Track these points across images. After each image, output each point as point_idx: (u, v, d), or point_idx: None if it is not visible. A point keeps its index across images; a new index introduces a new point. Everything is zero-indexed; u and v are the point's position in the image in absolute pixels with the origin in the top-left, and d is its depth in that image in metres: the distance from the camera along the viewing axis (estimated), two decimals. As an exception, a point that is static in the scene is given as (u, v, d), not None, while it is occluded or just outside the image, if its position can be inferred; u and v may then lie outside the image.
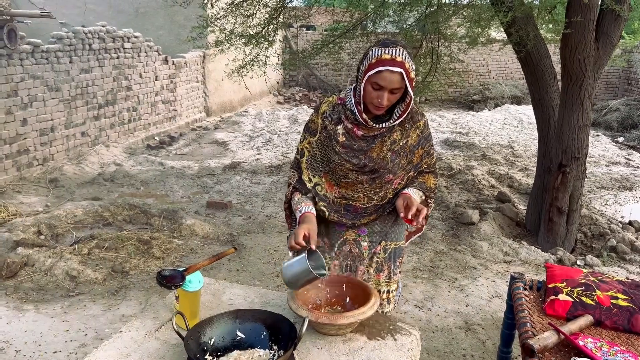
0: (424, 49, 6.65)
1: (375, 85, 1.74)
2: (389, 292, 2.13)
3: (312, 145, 1.98)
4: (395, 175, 1.95)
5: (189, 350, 1.44)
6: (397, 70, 1.70)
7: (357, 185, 1.95)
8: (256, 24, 5.56)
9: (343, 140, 1.90)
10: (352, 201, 1.99)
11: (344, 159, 1.91)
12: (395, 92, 1.76)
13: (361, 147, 1.89)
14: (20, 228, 4.31)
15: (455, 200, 5.97)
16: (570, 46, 4.27)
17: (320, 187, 1.99)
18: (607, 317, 2.12)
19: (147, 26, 10.11)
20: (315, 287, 1.85)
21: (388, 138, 1.90)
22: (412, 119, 1.95)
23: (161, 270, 1.68)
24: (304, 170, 1.99)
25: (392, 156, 1.91)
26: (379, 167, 1.91)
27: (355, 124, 1.88)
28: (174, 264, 4.13)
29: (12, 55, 5.73)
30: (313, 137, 1.97)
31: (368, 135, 1.88)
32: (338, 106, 1.94)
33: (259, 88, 13.16)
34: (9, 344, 3.01)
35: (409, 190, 1.98)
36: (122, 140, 7.97)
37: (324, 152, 1.96)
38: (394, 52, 1.71)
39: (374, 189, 1.96)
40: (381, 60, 1.71)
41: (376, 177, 1.93)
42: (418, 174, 2.03)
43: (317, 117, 1.97)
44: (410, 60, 1.75)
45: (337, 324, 1.62)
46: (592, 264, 4.38)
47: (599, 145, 9.45)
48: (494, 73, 15.03)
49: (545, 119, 5.01)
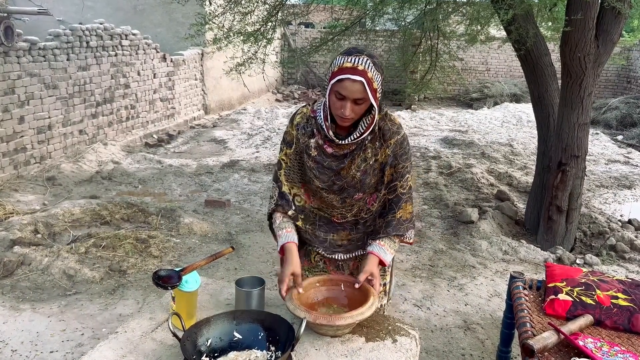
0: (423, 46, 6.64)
1: (338, 95, 1.67)
2: (385, 285, 2.12)
3: (289, 156, 1.94)
4: (365, 194, 1.90)
5: (186, 352, 1.43)
6: (358, 79, 1.63)
7: (328, 202, 1.93)
8: (254, 22, 5.54)
9: (315, 155, 1.86)
10: (327, 214, 1.98)
11: (314, 174, 1.88)
12: (359, 102, 1.69)
13: (331, 165, 1.84)
14: (17, 227, 4.29)
15: (454, 198, 5.96)
16: (570, 44, 4.25)
17: (299, 197, 1.97)
18: (607, 316, 2.10)
19: (145, 24, 10.08)
20: (313, 286, 1.83)
21: (358, 156, 1.83)
22: (383, 136, 1.85)
23: (157, 270, 1.67)
24: (284, 182, 1.95)
25: (362, 176, 1.85)
26: (347, 186, 1.86)
27: (327, 141, 1.83)
28: (171, 263, 4.11)
29: (9, 53, 5.69)
30: (289, 148, 1.93)
31: (338, 153, 1.83)
32: (311, 119, 1.88)
33: (258, 86, 13.13)
34: (5, 344, 2.99)
35: (376, 250, 1.88)
36: (120, 138, 7.94)
37: (301, 163, 1.94)
38: (356, 61, 1.66)
39: (347, 207, 1.93)
40: (343, 68, 1.66)
41: (345, 197, 1.89)
42: (395, 199, 1.92)
43: (291, 129, 1.93)
44: (375, 70, 1.68)
45: (335, 325, 1.60)
46: (592, 262, 4.36)
47: (598, 143, 9.45)
48: (493, 71, 15.02)
49: (545, 117, 4.99)
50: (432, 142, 8.99)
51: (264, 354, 1.54)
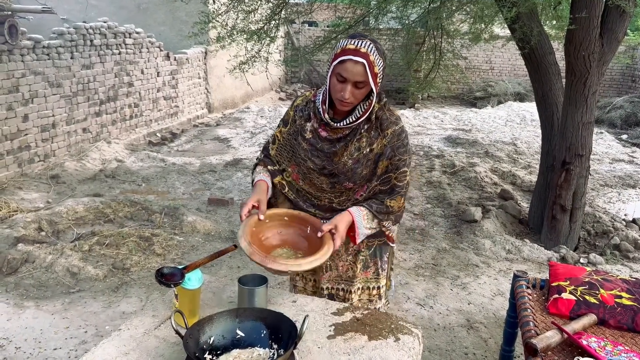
0: (427, 45, 6.62)
1: (340, 77, 1.69)
2: (379, 288, 2.11)
3: (283, 134, 1.98)
4: (356, 185, 1.88)
5: (188, 349, 1.43)
6: (360, 61, 1.65)
7: (318, 185, 1.93)
8: (258, 20, 5.54)
9: (309, 137, 1.88)
10: (314, 198, 1.98)
11: (307, 156, 1.89)
12: (359, 86, 1.70)
13: (323, 148, 1.85)
14: (21, 224, 4.30)
15: (457, 197, 5.95)
16: (575, 42, 4.23)
17: (287, 173, 2.01)
18: (611, 316, 2.10)
19: (149, 22, 10.08)
20: (280, 219, 1.85)
21: (352, 144, 1.82)
22: (381, 126, 1.83)
23: (160, 268, 1.67)
24: (274, 156, 2.02)
25: (353, 164, 1.83)
26: (338, 172, 1.86)
27: (322, 124, 1.85)
28: (174, 261, 4.12)
29: (13, 51, 5.71)
30: (285, 127, 1.98)
31: (332, 137, 1.84)
32: (311, 102, 1.91)
33: (261, 84, 13.13)
34: (9, 341, 3.00)
35: (355, 214, 1.82)
36: (123, 136, 7.95)
37: (292, 145, 1.96)
38: (359, 44, 1.68)
39: (335, 193, 1.93)
40: (345, 50, 1.68)
41: (335, 182, 1.89)
42: (387, 192, 1.88)
43: (291, 109, 1.98)
44: (377, 55, 1.69)
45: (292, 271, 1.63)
46: (596, 262, 4.35)
47: (602, 142, 9.41)
48: (497, 70, 14.97)
49: (549, 116, 4.98)
50: (435, 141, 8.98)
51: (267, 351, 1.54)
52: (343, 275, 2.07)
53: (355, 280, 2.06)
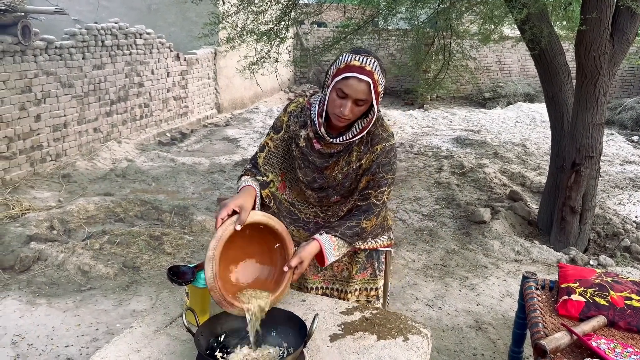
0: (436, 45, 6.61)
1: (340, 93, 1.63)
2: (377, 290, 2.11)
3: (275, 141, 1.91)
4: (342, 198, 1.87)
5: (199, 347, 1.45)
6: (365, 79, 1.59)
7: (304, 198, 1.91)
8: (267, 21, 5.56)
9: (302, 145, 1.84)
10: (298, 210, 1.95)
11: (299, 165, 1.86)
12: (360, 103, 1.64)
13: (314, 161, 1.82)
14: (34, 223, 4.35)
15: (466, 198, 5.94)
16: (585, 43, 4.21)
17: (272, 183, 1.94)
18: (620, 318, 2.09)
19: (159, 23, 10.15)
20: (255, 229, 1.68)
21: (344, 158, 1.80)
22: (371, 141, 1.79)
23: (172, 266, 1.69)
24: (261, 165, 1.92)
25: (343, 179, 1.82)
26: (328, 186, 1.84)
27: (316, 136, 1.80)
28: (184, 260, 4.15)
29: (25, 52, 5.78)
30: (276, 134, 1.91)
31: (325, 151, 1.80)
32: (306, 110, 1.86)
33: (270, 85, 13.17)
34: (22, 338, 3.04)
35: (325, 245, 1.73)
36: (133, 136, 8.01)
37: (285, 152, 1.91)
38: (365, 61, 1.61)
39: (322, 207, 1.91)
40: (350, 66, 1.61)
41: (323, 197, 1.87)
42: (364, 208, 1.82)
43: (284, 115, 1.92)
44: (381, 74, 1.64)
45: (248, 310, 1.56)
46: (606, 264, 4.33)
47: (613, 143, 9.34)
48: (506, 70, 14.90)
49: (559, 117, 4.96)
50: (444, 142, 8.96)
51: (276, 350, 1.56)
52: (338, 276, 2.07)
53: (352, 281, 2.06)
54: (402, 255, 4.39)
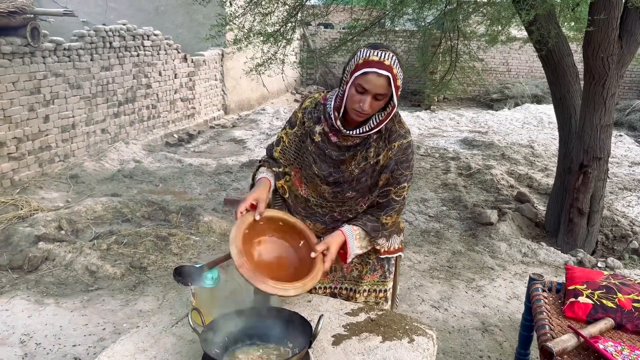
0: (443, 47, 6.60)
1: (360, 88, 1.64)
2: (386, 291, 2.11)
3: (289, 136, 1.94)
4: (357, 194, 1.87)
5: (205, 346, 1.45)
6: (384, 74, 1.61)
7: (319, 192, 1.92)
8: (274, 22, 5.57)
9: (318, 140, 1.85)
10: (313, 205, 1.96)
11: (314, 160, 1.87)
12: (379, 98, 1.66)
13: (331, 155, 1.83)
14: (42, 223, 4.39)
15: (473, 200, 5.92)
16: (593, 44, 4.19)
17: (288, 177, 1.98)
18: (628, 320, 2.08)
19: (166, 24, 10.20)
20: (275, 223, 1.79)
21: (361, 153, 1.80)
22: (389, 137, 1.80)
23: (178, 266, 1.70)
24: (277, 158, 1.96)
25: (359, 174, 1.82)
26: (343, 181, 1.84)
27: (332, 129, 1.81)
28: (191, 261, 4.16)
29: (35, 53, 5.83)
30: (291, 129, 1.94)
31: (342, 144, 1.81)
32: (320, 105, 1.87)
33: (277, 86, 13.19)
34: (30, 337, 3.06)
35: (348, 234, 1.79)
36: (141, 137, 8.05)
37: (299, 147, 1.93)
38: (383, 55, 1.63)
39: (337, 202, 1.90)
40: (369, 61, 1.62)
41: (338, 192, 1.87)
42: (384, 205, 1.86)
43: (299, 111, 1.93)
44: (399, 68, 1.66)
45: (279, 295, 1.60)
46: (614, 266, 4.29)
47: (621, 145, 9.27)
48: (514, 72, 14.84)
49: (567, 118, 4.93)
50: (451, 143, 8.94)
51: (282, 350, 1.56)
52: (347, 276, 2.08)
53: (362, 282, 2.07)
54: (409, 257, 4.38)
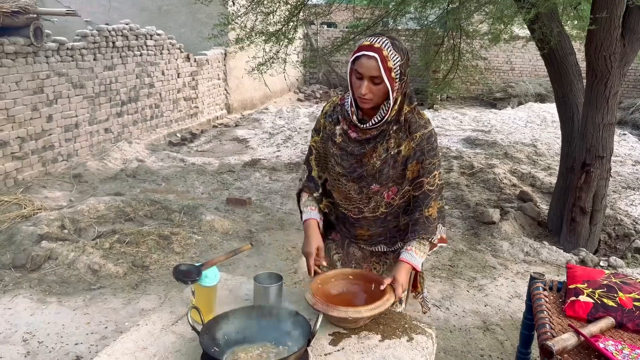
0: (446, 45, 6.59)
1: (357, 74, 1.72)
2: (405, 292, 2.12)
3: (318, 143, 1.99)
4: (382, 186, 1.88)
5: (204, 345, 1.46)
6: (372, 55, 1.67)
7: (346, 193, 1.94)
8: (276, 22, 5.58)
9: (340, 142, 1.88)
10: (343, 209, 1.99)
11: (337, 161, 1.90)
12: (376, 82, 1.70)
13: (353, 151, 1.86)
14: (45, 222, 4.40)
15: (475, 199, 5.91)
16: (596, 42, 4.18)
17: (327, 182, 2.02)
18: (629, 319, 2.07)
19: (169, 24, 10.22)
20: (329, 281, 1.85)
21: (381, 145, 1.83)
22: (409, 128, 1.83)
23: (178, 265, 1.70)
24: (314, 167, 2.01)
25: (381, 165, 1.84)
26: (367, 174, 1.86)
27: (351, 125, 1.85)
28: (193, 259, 4.17)
29: (38, 53, 5.85)
30: (318, 135, 1.99)
31: (361, 138, 1.84)
32: (338, 106, 1.92)
33: (280, 86, 13.20)
34: (32, 335, 3.08)
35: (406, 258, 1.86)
36: (144, 136, 8.07)
37: (325, 153, 1.97)
38: (374, 40, 1.71)
39: (363, 199, 1.92)
40: (360, 47, 1.72)
41: (363, 186, 1.88)
42: (420, 197, 1.89)
43: (321, 117, 1.98)
44: (392, 50, 1.69)
45: (352, 317, 1.62)
46: (616, 265, 4.28)
47: (625, 144, 9.24)
48: (517, 70, 14.81)
49: (569, 117, 4.92)
50: (454, 142, 8.92)
51: (281, 348, 1.56)
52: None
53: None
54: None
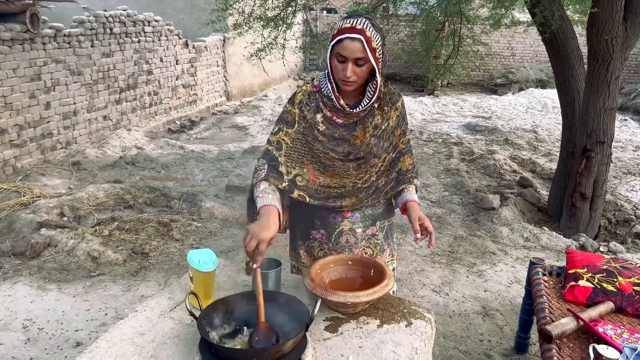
0: (446, 31, 6.53)
1: (340, 57, 1.70)
2: (394, 270, 2.13)
3: (291, 136, 1.88)
4: (379, 160, 1.92)
5: (202, 330, 1.45)
6: (357, 37, 1.66)
7: (343, 172, 1.91)
8: (275, 7, 5.51)
9: (323, 129, 1.84)
10: (336, 189, 1.94)
11: (328, 147, 1.85)
12: (360, 63, 1.70)
13: (342, 135, 1.84)
14: (44, 210, 4.40)
15: (475, 185, 5.90)
16: (597, 26, 4.13)
17: (300, 177, 1.91)
18: (628, 303, 2.07)
19: (167, 10, 10.13)
20: (328, 267, 1.84)
21: (370, 123, 1.85)
22: (391, 100, 1.90)
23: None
24: (282, 163, 1.88)
25: (375, 141, 1.86)
26: (364, 153, 1.86)
27: (334, 112, 1.83)
28: (192, 246, 4.18)
29: (34, 40, 5.80)
30: (290, 128, 1.88)
31: (348, 122, 1.84)
32: (314, 94, 1.87)
33: (279, 72, 13.12)
34: (32, 322, 3.09)
35: (412, 197, 1.96)
36: (143, 124, 8.04)
37: (305, 142, 1.89)
38: (355, 21, 1.69)
39: (360, 174, 1.92)
40: (341, 29, 1.69)
41: (362, 163, 1.89)
42: (397, 156, 1.99)
43: (293, 108, 1.88)
44: (374, 31, 1.69)
45: (350, 302, 1.61)
46: (616, 250, 4.28)
47: (626, 129, 9.20)
48: (518, 56, 14.71)
49: (570, 102, 4.89)
50: (454, 128, 8.89)
51: (279, 334, 1.56)
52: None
53: None
54: (410, 242, 4.38)
